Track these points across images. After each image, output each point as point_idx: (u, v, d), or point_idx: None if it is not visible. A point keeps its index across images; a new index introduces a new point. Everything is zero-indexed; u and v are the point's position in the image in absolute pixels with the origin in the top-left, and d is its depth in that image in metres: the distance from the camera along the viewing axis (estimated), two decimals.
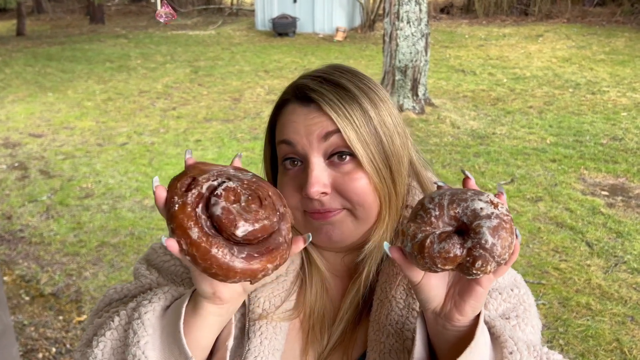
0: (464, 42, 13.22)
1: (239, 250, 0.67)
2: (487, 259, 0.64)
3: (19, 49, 13.92)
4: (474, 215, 0.66)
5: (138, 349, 0.73)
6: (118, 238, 4.45)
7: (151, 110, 8.25)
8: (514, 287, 0.92)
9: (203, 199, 0.68)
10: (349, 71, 0.90)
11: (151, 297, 0.80)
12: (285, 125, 0.87)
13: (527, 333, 0.87)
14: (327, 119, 0.83)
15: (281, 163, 0.88)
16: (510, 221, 0.66)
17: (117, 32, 16.61)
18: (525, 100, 8.13)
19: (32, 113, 8.17)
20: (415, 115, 7.46)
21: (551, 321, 3.31)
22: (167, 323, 0.76)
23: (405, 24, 7.42)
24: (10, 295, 3.73)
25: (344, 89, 0.85)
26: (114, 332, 0.78)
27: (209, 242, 0.66)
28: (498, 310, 0.88)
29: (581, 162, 5.72)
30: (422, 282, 0.73)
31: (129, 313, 0.79)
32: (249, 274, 0.67)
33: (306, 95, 0.85)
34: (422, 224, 0.69)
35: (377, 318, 0.88)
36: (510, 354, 0.76)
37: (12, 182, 5.65)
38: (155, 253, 1.00)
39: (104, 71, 11.05)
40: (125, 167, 5.96)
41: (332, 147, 0.83)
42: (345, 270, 0.95)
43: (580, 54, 11.15)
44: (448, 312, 0.74)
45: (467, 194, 0.68)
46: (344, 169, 0.83)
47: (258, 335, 0.86)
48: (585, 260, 3.93)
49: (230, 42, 14.34)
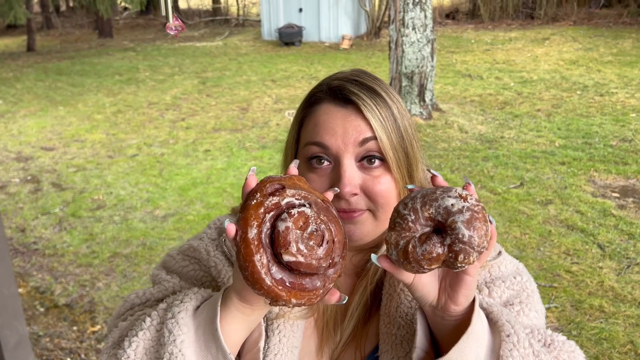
0: (470, 47, 13.23)
1: (277, 270, 0.69)
2: (468, 251, 0.68)
3: (29, 64, 14.13)
4: (446, 212, 0.69)
5: (175, 347, 0.76)
6: (130, 248, 4.49)
7: (160, 121, 8.33)
8: (516, 275, 0.95)
9: (277, 210, 0.70)
10: (377, 78, 0.94)
11: (182, 297, 0.82)
12: (319, 125, 0.89)
13: (531, 318, 0.91)
14: (365, 124, 0.86)
15: (307, 161, 0.90)
16: (482, 210, 0.69)
17: (126, 45, 16.81)
18: (533, 104, 8.11)
19: (44, 127, 8.28)
20: (423, 120, 7.47)
21: (564, 324, 3.30)
22: (202, 322, 0.78)
23: (411, 30, 7.45)
24: (25, 306, 3.78)
25: (379, 95, 0.89)
26: (146, 332, 0.80)
27: (257, 248, 0.68)
28: (502, 298, 0.92)
29: (591, 164, 5.69)
30: (415, 282, 0.77)
31: (161, 314, 0.81)
32: (272, 295, 0.69)
33: (345, 96, 0.88)
34: (402, 231, 0.72)
35: (387, 311, 0.91)
36: (508, 337, 0.78)
37: (25, 195, 5.73)
38: (173, 259, 1.03)
39: (113, 84, 11.19)
40: (135, 178, 6.02)
41: (366, 151, 0.87)
42: (352, 268, 0.98)
43: (588, 56, 11.12)
44: (444, 304, 0.78)
45: (437, 193, 0.71)
46: (373, 172, 0.88)
47: (277, 333, 0.89)
48: (597, 263, 3.91)
49: (237, 53, 14.46)
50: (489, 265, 0.95)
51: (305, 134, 0.92)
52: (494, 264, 0.95)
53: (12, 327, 2.13)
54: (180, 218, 4.99)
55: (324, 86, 0.93)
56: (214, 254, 0.99)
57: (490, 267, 0.95)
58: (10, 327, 2.12)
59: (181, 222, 4.91)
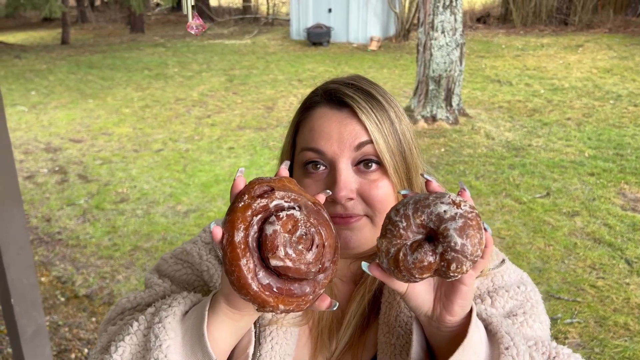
0: (500, 52, 13.02)
1: (264, 275, 0.67)
2: (460, 260, 0.65)
3: (63, 57, 14.44)
4: (439, 219, 0.66)
5: (160, 352, 0.74)
6: (151, 243, 4.53)
7: (186, 117, 8.41)
8: (520, 284, 0.91)
9: (265, 212, 0.68)
10: (374, 83, 0.92)
11: (170, 302, 0.80)
12: (314, 130, 0.87)
13: (535, 329, 0.87)
14: (361, 127, 0.84)
15: (302, 166, 0.88)
16: (476, 217, 0.66)
17: (156, 40, 17.05)
18: (563, 112, 7.93)
19: (73, 119, 8.45)
20: (449, 125, 7.38)
21: (586, 340, 3.20)
22: (189, 327, 0.76)
23: (440, 33, 7.36)
24: (46, 295, 3.85)
25: (375, 99, 0.87)
26: (133, 337, 0.78)
27: (243, 252, 0.66)
28: (505, 308, 0.88)
29: (621, 176, 5.53)
30: (408, 291, 0.74)
31: (149, 318, 0.80)
32: (258, 301, 0.67)
33: (340, 100, 0.87)
34: (393, 238, 0.69)
35: (386, 320, 0.88)
36: (507, 349, 0.75)
37: (52, 186, 5.84)
38: (166, 263, 1.01)
39: (142, 79, 11.35)
40: (159, 173, 6.08)
41: (362, 155, 0.85)
42: (350, 276, 0.96)
43: (622, 65, 10.82)
44: (439, 315, 0.75)
45: (429, 199, 0.68)
46: (370, 176, 0.85)
47: (269, 340, 0.87)
48: (624, 279, 3.79)
49: (265, 51, 14.52)
50: (492, 274, 0.92)
51: (301, 139, 0.90)
52: (497, 273, 0.92)
53: (30, 316, 2.16)
54: (201, 214, 5.02)
55: (319, 90, 0.92)
56: (206, 258, 0.97)
57: (493, 276, 0.91)
58: (28, 317, 2.15)
59: (202, 218, 4.94)
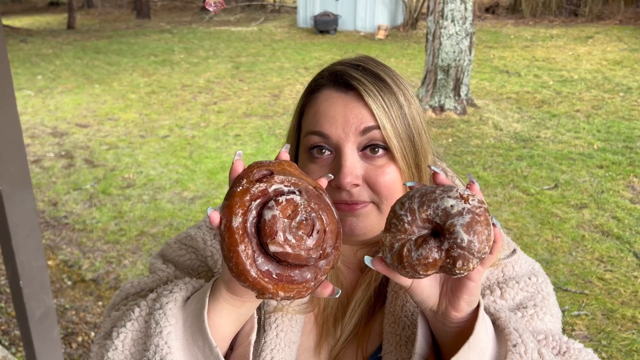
0: (509, 42, 12.90)
1: (263, 262, 0.65)
2: (467, 258, 0.62)
3: (69, 42, 14.40)
4: (445, 214, 0.63)
5: (161, 339, 0.72)
6: (157, 228, 4.53)
7: (193, 104, 8.38)
8: (531, 275, 0.88)
9: (264, 197, 0.66)
10: (383, 64, 0.88)
11: (172, 287, 0.79)
12: (319, 114, 0.84)
13: (546, 322, 0.84)
14: (367, 111, 0.81)
15: (307, 151, 0.85)
16: (484, 212, 0.63)
17: (162, 27, 16.98)
18: (572, 104, 7.86)
19: (79, 104, 8.43)
20: (457, 115, 7.33)
21: (594, 333, 3.19)
22: (190, 313, 0.75)
23: (450, 22, 7.28)
24: (53, 279, 3.86)
25: (383, 82, 0.83)
26: (134, 322, 0.77)
27: (241, 237, 0.64)
28: (515, 300, 0.85)
29: (630, 169, 5.48)
30: (413, 285, 0.72)
31: (150, 304, 0.78)
32: (258, 288, 0.65)
33: (346, 82, 0.83)
34: (397, 233, 0.66)
35: (392, 310, 0.86)
36: (514, 347, 0.72)
37: (58, 170, 5.85)
38: (170, 248, 1.00)
39: (148, 65, 11.31)
40: (166, 159, 6.07)
41: (368, 140, 0.82)
42: (357, 263, 0.93)
43: (633, 57, 10.71)
44: (444, 310, 0.72)
45: (436, 193, 0.65)
46: (377, 162, 0.82)
47: (274, 327, 0.85)
48: (632, 272, 3.77)
49: (272, 39, 14.43)
50: (502, 264, 0.89)
51: (306, 123, 0.87)
52: (507, 263, 0.89)
53: (39, 298, 2.16)
54: (207, 201, 5.01)
55: (325, 72, 0.88)
56: (210, 244, 0.95)
57: (503, 267, 0.88)
58: (37, 299, 2.15)
59: (208, 204, 4.93)
